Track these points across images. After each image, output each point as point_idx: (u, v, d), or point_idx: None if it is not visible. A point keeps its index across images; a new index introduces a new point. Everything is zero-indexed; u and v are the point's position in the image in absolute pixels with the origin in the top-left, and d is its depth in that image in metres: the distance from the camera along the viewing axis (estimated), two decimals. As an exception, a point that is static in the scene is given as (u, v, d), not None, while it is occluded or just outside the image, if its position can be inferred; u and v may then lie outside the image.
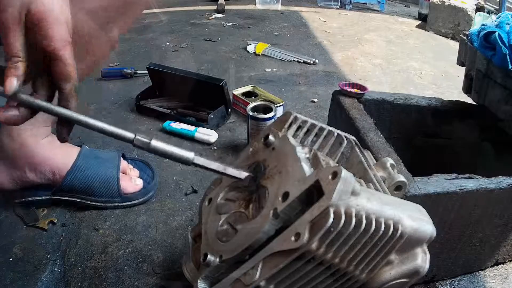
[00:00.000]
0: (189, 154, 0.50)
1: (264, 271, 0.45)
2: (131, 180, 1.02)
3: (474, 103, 1.04)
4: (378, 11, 3.07)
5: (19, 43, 0.48)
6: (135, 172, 1.06)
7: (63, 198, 0.97)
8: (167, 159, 0.91)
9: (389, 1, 3.41)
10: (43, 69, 0.51)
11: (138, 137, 0.49)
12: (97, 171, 0.97)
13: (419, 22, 2.82)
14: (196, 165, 0.50)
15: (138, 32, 2.26)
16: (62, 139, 0.54)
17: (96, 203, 0.98)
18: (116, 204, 0.99)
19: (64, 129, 0.53)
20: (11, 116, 0.49)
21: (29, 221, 0.94)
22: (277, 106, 1.25)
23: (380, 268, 0.47)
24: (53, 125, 0.94)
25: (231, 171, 0.52)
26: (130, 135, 0.49)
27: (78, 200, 0.98)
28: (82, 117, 0.49)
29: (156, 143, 0.49)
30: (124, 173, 1.03)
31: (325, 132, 0.56)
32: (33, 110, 0.50)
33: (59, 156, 0.94)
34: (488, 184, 0.70)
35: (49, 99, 0.53)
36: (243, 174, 0.52)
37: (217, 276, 0.50)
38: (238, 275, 0.47)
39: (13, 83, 0.47)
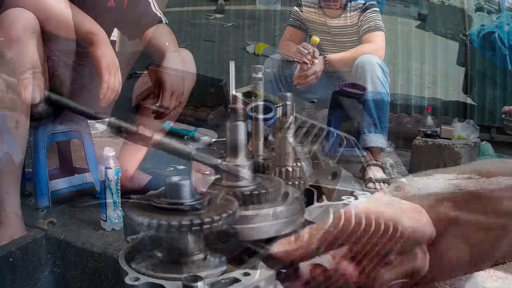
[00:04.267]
0: (189, 149, 0.50)
1: (264, 271, 0.45)
2: (204, 179, 0.98)
3: (474, 103, 1.04)
4: (377, 11, 3.07)
5: None
6: (209, 169, 1.01)
7: (129, 200, 0.94)
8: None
9: (389, 1, 3.41)
10: None
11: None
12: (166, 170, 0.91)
13: (418, 22, 2.83)
14: (196, 160, 0.51)
15: (138, 32, 2.26)
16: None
17: (165, 205, 0.94)
18: (187, 205, 0.94)
19: None
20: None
21: (29, 221, 0.94)
22: (277, 106, 1.25)
23: (380, 268, 0.47)
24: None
25: (231, 169, 0.52)
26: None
27: (146, 201, 0.94)
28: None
29: (156, 138, 0.50)
30: (197, 170, 0.98)
31: (324, 132, 0.56)
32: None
33: (126, 154, 0.90)
34: (488, 184, 0.70)
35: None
36: (242, 173, 0.52)
37: (217, 277, 0.50)
38: (238, 275, 0.47)
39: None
